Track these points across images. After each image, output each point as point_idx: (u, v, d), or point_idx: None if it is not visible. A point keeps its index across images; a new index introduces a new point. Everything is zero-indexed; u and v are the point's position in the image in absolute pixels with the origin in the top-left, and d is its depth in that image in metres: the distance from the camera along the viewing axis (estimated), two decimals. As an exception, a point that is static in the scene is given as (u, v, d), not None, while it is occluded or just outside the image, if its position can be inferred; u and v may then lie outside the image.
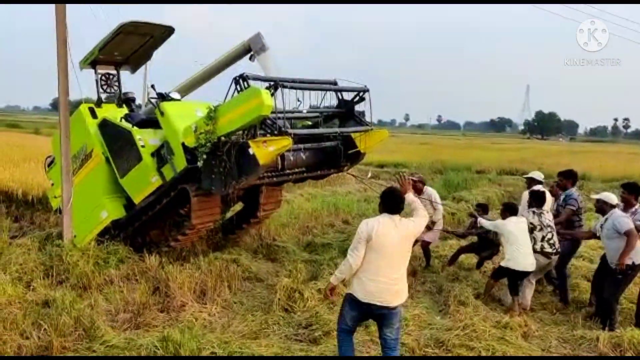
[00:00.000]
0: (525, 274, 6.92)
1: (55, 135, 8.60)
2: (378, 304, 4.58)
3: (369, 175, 18.94)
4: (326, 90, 8.03)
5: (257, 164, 6.52)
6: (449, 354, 5.44)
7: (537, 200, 7.21)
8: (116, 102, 8.88)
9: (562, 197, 7.66)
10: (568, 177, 7.76)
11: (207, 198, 7.32)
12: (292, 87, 7.09)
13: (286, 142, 6.63)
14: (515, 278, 6.94)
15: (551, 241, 6.95)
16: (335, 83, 8.18)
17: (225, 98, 6.84)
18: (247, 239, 9.45)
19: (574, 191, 7.64)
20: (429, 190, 8.72)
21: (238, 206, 9.34)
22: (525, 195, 7.84)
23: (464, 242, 9.84)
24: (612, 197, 6.66)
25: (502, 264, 7.01)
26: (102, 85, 8.76)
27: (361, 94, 8.15)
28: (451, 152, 33.97)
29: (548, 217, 7.11)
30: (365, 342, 5.75)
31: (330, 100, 8.17)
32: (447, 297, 7.13)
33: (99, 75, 8.73)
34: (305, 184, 13.94)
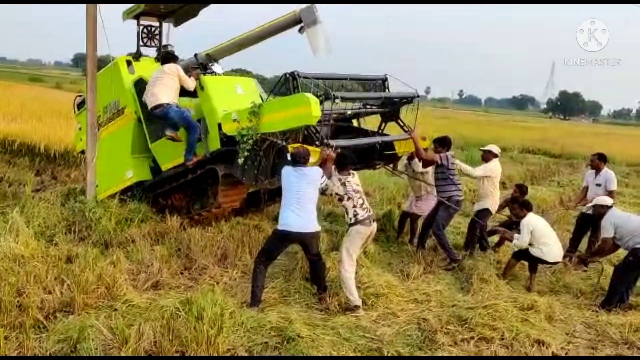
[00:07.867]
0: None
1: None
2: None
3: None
4: (377, 98, 7.88)
5: None
6: (472, 333, 5.38)
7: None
8: (155, 56, 8.68)
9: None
10: (443, 145, 7.86)
11: (235, 180, 7.14)
12: (343, 98, 6.84)
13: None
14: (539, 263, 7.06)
15: (364, 206, 6.19)
16: (385, 79, 7.97)
17: (272, 91, 6.74)
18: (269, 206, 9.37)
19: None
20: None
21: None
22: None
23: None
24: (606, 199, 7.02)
25: (534, 253, 6.93)
26: (142, 38, 8.54)
27: (410, 98, 8.00)
28: (472, 128, 33.37)
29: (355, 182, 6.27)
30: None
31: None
32: (470, 274, 6.99)
33: (141, 27, 8.49)
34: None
